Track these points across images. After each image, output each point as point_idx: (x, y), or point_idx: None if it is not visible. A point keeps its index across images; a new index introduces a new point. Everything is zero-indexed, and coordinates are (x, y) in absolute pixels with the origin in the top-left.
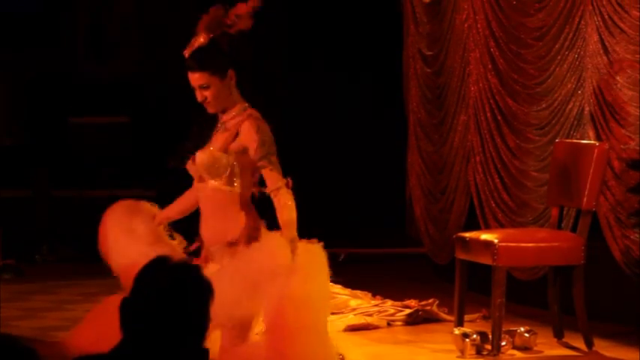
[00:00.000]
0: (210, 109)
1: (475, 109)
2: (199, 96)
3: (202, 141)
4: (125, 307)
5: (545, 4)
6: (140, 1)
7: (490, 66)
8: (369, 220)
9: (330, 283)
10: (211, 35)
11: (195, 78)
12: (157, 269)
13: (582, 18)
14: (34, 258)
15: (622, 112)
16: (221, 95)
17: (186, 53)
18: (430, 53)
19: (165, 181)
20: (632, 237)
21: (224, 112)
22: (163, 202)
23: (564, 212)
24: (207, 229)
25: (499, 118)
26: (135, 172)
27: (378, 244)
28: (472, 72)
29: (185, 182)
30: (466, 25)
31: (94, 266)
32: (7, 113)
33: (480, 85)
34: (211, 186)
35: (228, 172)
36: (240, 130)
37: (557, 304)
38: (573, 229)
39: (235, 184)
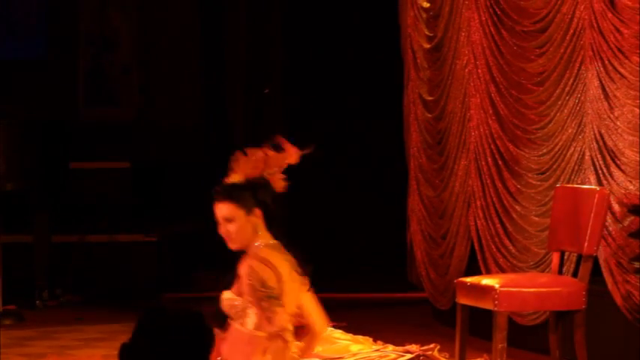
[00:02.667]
0: (231, 245)
1: (476, 154)
2: (222, 229)
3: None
4: (125, 353)
5: (545, 49)
6: (140, 47)
7: (491, 111)
8: (370, 265)
9: (331, 329)
10: (247, 177)
11: (220, 208)
12: (158, 316)
13: (583, 63)
14: (35, 303)
15: (622, 157)
16: (244, 231)
17: (218, 187)
18: (431, 98)
19: (166, 227)
20: (633, 282)
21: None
22: (163, 247)
23: (565, 257)
24: None
25: (500, 162)
26: (135, 217)
27: (379, 288)
28: (473, 117)
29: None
30: (467, 71)
31: (95, 312)
32: (8, 158)
33: (481, 130)
34: (233, 327)
35: (246, 314)
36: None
37: (559, 349)
38: (574, 274)
39: (250, 326)
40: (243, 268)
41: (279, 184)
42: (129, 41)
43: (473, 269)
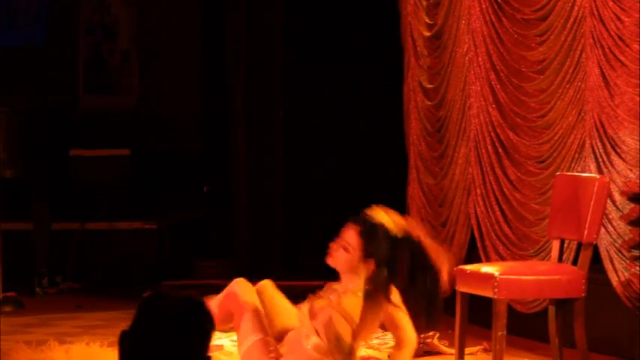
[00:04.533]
0: (328, 261)
1: (476, 142)
2: (335, 245)
3: None
4: (124, 340)
5: (546, 37)
6: (140, 34)
7: (491, 99)
8: None
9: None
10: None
11: (349, 233)
12: (158, 302)
13: (583, 51)
14: (35, 291)
15: (623, 145)
16: (348, 265)
17: (366, 217)
18: (431, 86)
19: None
20: (633, 270)
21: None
22: (162, 235)
23: (565, 245)
24: None
25: (500, 150)
26: (135, 204)
27: None
28: (473, 105)
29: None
30: (467, 58)
31: (94, 299)
32: (8, 146)
33: (481, 118)
34: (299, 334)
35: (312, 333)
36: None
37: (558, 336)
38: (574, 262)
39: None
40: (326, 310)
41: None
42: (129, 29)
43: (473, 257)
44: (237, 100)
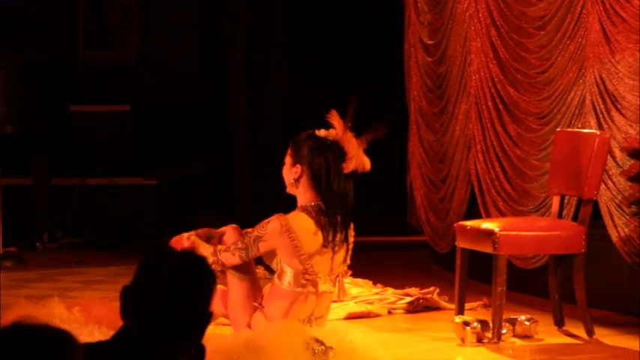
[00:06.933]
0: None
1: (476, 98)
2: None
3: None
4: (126, 295)
5: None
6: None
7: (491, 55)
8: (370, 209)
9: None
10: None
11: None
12: (160, 257)
13: (584, 7)
14: (35, 246)
15: (623, 101)
16: (286, 176)
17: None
18: (431, 42)
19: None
20: (632, 226)
21: None
22: (163, 190)
23: (565, 201)
24: None
25: (500, 107)
26: (135, 160)
27: (379, 232)
28: (473, 61)
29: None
30: (467, 14)
31: (94, 254)
32: (8, 101)
33: (481, 74)
34: (273, 281)
35: (283, 272)
36: None
37: (558, 292)
38: (574, 218)
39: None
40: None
41: (359, 161)
42: None
43: (473, 213)
44: (237, 56)
